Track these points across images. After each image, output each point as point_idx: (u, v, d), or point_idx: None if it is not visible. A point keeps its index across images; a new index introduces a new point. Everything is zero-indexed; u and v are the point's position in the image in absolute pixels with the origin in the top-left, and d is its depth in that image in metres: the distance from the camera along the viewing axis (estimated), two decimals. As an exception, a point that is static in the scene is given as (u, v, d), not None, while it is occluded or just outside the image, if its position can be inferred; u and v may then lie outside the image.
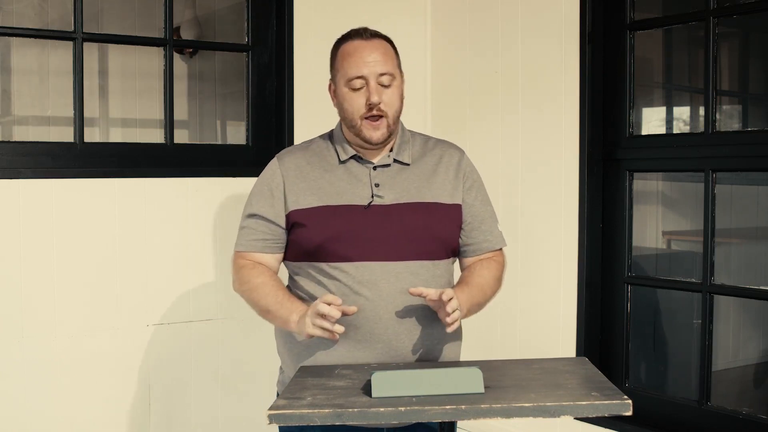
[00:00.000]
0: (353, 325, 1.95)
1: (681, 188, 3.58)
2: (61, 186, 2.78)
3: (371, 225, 1.99)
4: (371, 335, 1.96)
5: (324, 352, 1.99)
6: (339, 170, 2.06)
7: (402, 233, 1.99)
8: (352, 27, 2.11)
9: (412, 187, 2.05)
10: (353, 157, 2.06)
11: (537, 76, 3.13)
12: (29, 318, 2.72)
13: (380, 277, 1.96)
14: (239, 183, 3.09)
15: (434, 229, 2.02)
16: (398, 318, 1.96)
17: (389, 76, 2.01)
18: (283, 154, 2.14)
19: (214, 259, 3.05)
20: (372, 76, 1.99)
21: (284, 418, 1.60)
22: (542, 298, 3.10)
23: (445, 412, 1.58)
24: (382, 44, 2.04)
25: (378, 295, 1.96)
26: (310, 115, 3.23)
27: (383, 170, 2.06)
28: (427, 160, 2.10)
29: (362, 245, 1.97)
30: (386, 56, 2.02)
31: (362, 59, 2.00)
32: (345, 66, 2.01)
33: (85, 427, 2.81)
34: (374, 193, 2.02)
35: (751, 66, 3.67)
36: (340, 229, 1.98)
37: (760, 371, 3.47)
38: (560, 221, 3.05)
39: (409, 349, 1.98)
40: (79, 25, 2.84)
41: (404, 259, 1.97)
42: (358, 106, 2.00)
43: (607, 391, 1.67)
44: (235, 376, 3.11)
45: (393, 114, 2.02)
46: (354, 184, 2.04)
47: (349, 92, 2.01)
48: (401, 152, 2.08)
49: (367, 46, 2.01)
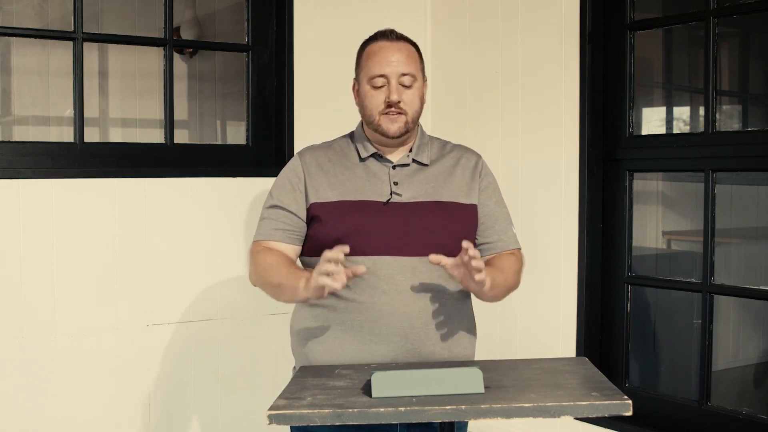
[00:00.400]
0: (369, 318, 1.98)
1: (681, 188, 3.58)
2: (61, 186, 2.78)
3: (389, 221, 2.02)
4: (387, 329, 1.98)
5: (340, 344, 2.01)
6: (359, 168, 2.10)
7: (419, 230, 2.02)
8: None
9: (430, 186, 2.09)
10: (373, 155, 2.11)
11: (537, 76, 3.13)
12: (29, 318, 2.72)
13: (396, 272, 1.99)
14: (239, 183, 3.09)
15: (450, 227, 2.05)
16: (414, 312, 1.99)
17: (411, 77, 2.06)
18: (304, 151, 2.18)
19: (214, 259, 3.05)
20: (393, 75, 2.04)
21: (284, 418, 1.60)
22: (542, 298, 3.10)
23: (445, 412, 1.59)
24: (407, 47, 2.10)
25: (394, 289, 1.98)
26: (310, 115, 3.23)
27: (402, 169, 2.10)
28: (444, 162, 2.15)
29: (379, 240, 1.99)
30: (410, 58, 2.08)
31: (385, 58, 2.05)
32: (369, 65, 2.07)
33: (85, 427, 2.81)
34: (393, 190, 2.06)
35: (751, 66, 3.67)
36: (358, 224, 2.01)
37: (760, 371, 3.46)
38: (560, 221, 3.05)
39: (426, 343, 2.00)
40: (79, 25, 2.84)
41: (421, 254, 1.99)
42: (378, 103, 2.05)
43: (607, 391, 1.68)
44: (235, 376, 3.11)
45: (412, 114, 2.07)
46: (373, 181, 2.07)
47: (371, 90, 2.06)
48: (420, 153, 2.12)
49: (391, 47, 2.07)
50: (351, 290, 1.99)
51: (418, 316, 1.99)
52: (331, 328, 2.02)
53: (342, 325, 2.01)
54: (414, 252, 2.00)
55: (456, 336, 2.05)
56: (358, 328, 1.98)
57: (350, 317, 2.00)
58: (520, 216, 3.16)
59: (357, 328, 1.98)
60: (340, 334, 2.00)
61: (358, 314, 1.98)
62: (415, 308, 1.99)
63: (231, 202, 3.08)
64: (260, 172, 3.11)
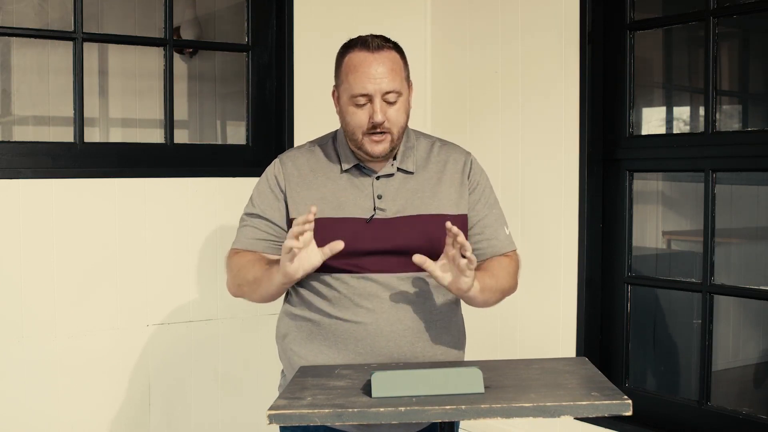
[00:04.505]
0: (354, 337, 1.94)
1: (681, 188, 3.58)
2: (61, 186, 2.78)
3: (373, 238, 1.95)
4: (372, 348, 1.94)
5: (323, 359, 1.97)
6: (342, 179, 2.02)
7: (403, 246, 1.94)
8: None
9: (416, 197, 2.00)
10: (356, 165, 2.02)
11: (537, 76, 3.13)
12: (29, 318, 2.72)
13: (381, 290, 1.94)
14: (239, 183, 3.09)
15: (437, 242, 1.93)
16: (399, 331, 1.94)
17: (395, 93, 1.93)
18: (286, 158, 2.09)
19: (214, 259, 3.05)
20: (377, 93, 1.91)
21: (284, 418, 1.60)
22: (542, 298, 3.10)
23: (445, 412, 1.58)
24: (390, 56, 1.94)
25: (379, 307, 1.94)
26: (310, 115, 3.23)
27: (386, 180, 2.01)
28: (431, 167, 2.05)
29: (363, 258, 1.94)
30: (393, 71, 1.93)
31: (367, 75, 1.91)
32: (350, 80, 1.94)
33: (85, 427, 2.81)
34: (376, 206, 1.98)
35: (751, 66, 3.67)
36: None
37: (760, 371, 3.46)
38: (560, 221, 3.05)
39: (411, 362, 1.95)
40: (79, 25, 2.84)
41: (405, 271, 1.95)
42: (361, 123, 1.94)
43: (607, 391, 1.67)
44: (235, 376, 3.11)
45: (397, 131, 1.96)
46: (356, 195, 2.00)
47: (353, 107, 1.94)
48: (405, 160, 2.03)
49: (373, 61, 1.92)
50: (335, 307, 1.95)
51: (403, 335, 1.94)
52: (315, 341, 1.98)
53: (326, 341, 1.96)
54: (398, 269, 1.94)
55: (443, 350, 2.00)
56: (343, 345, 1.93)
57: (334, 335, 1.95)
58: (519, 216, 3.16)
59: (341, 346, 1.94)
60: (325, 349, 1.95)
61: (342, 332, 1.93)
62: (401, 327, 1.94)
63: (231, 202, 3.07)
64: (260, 173, 3.05)
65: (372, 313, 1.93)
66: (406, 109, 1.98)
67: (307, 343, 1.99)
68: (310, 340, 1.99)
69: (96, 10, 3.75)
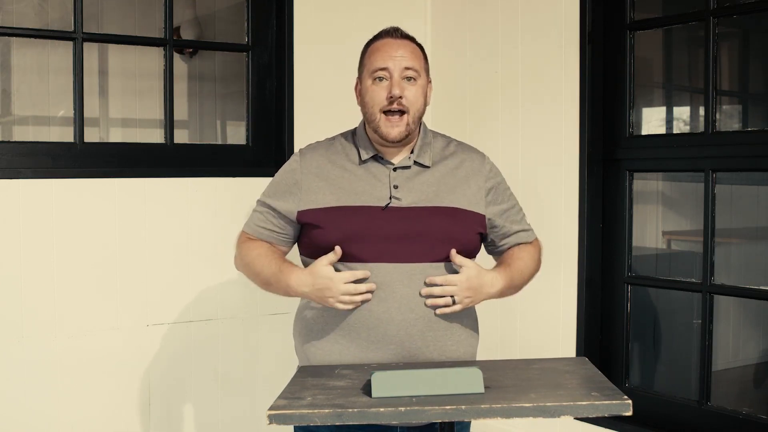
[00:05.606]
0: (366, 326, 1.96)
1: (681, 188, 3.58)
2: (61, 186, 2.78)
3: (387, 226, 1.99)
4: (384, 336, 1.96)
5: (338, 348, 2.00)
6: (359, 170, 2.07)
7: (418, 235, 1.99)
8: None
9: (431, 190, 2.05)
10: (374, 157, 2.07)
11: (537, 76, 3.13)
12: (29, 318, 2.72)
13: (394, 279, 1.96)
14: (239, 183, 3.09)
15: (450, 233, 2.01)
16: (411, 319, 1.96)
17: (414, 71, 2.03)
18: (306, 151, 2.15)
19: (214, 260, 3.05)
20: (396, 69, 2.01)
21: (284, 418, 1.60)
22: (542, 297, 3.10)
23: (445, 412, 1.59)
24: (412, 45, 2.08)
25: (391, 296, 1.96)
26: (310, 115, 3.23)
27: (403, 172, 2.06)
28: (447, 163, 2.11)
29: (377, 246, 1.97)
30: (414, 55, 2.05)
31: (389, 53, 2.02)
32: (371, 59, 2.04)
33: (85, 427, 2.81)
34: (392, 194, 2.02)
35: (751, 66, 3.67)
36: (356, 229, 1.99)
37: (760, 371, 3.46)
38: (560, 221, 3.05)
39: (423, 351, 1.98)
40: (79, 25, 2.84)
41: (419, 260, 1.97)
42: (380, 99, 2.01)
43: (607, 391, 1.68)
44: (235, 376, 3.11)
45: (414, 112, 2.03)
46: (373, 184, 2.04)
47: (372, 84, 2.03)
48: (422, 154, 2.08)
49: (395, 43, 2.05)
50: None
51: (414, 324, 1.97)
52: (330, 331, 2.01)
53: (340, 330, 1.99)
54: (412, 258, 1.97)
55: (455, 341, 2.03)
56: (356, 334, 1.97)
57: (347, 323, 1.98)
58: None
59: (354, 334, 1.97)
60: (339, 338, 1.99)
61: (356, 320, 1.96)
62: (412, 316, 1.96)
63: (231, 202, 3.08)
64: (260, 173, 3.10)
65: (384, 302, 1.96)
66: (423, 94, 2.06)
67: (323, 334, 2.02)
68: (325, 332, 2.02)
69: (96, 10, 3.75)
